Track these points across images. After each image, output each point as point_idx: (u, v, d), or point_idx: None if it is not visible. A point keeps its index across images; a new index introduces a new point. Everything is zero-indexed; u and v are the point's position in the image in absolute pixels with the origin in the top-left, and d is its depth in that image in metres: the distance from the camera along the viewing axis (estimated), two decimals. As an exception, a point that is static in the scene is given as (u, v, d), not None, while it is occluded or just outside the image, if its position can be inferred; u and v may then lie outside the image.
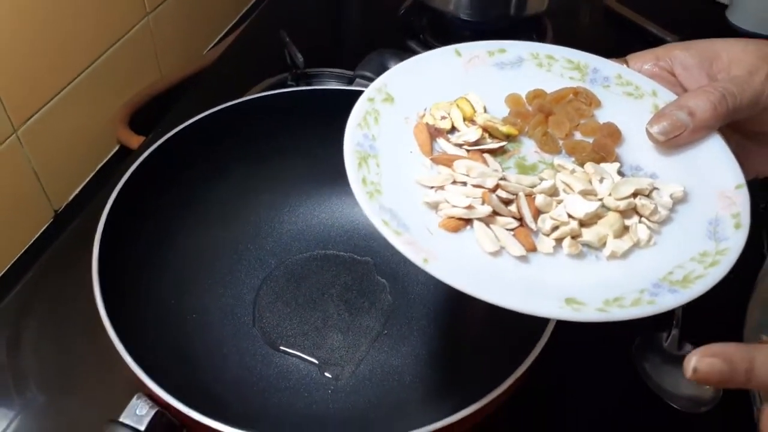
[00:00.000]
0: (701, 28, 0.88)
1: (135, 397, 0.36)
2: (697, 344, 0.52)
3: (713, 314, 0.57)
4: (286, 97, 0.55)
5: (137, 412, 0.35)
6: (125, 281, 0.44)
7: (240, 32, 0.85)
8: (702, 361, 0.30)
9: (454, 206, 0.33)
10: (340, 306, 0.53)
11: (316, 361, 0.49)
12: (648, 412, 0.51)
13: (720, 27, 0.91)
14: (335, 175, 0.57)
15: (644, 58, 0.41)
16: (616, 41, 0.88)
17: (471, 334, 0.51)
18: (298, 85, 0.70)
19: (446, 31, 0.82)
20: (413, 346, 0.50)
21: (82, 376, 0.51)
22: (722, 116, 0.36)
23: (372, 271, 0.55)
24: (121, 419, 0.35)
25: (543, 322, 0.41)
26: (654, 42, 0.86)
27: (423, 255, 0.31)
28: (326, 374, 0.49)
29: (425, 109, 0.39)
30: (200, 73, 0.80)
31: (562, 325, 0.40)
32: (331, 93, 0.55)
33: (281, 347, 0.50)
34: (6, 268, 0.64)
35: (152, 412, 0.35)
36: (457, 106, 0.39)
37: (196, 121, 0.52)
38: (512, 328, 0.46)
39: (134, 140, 0.73)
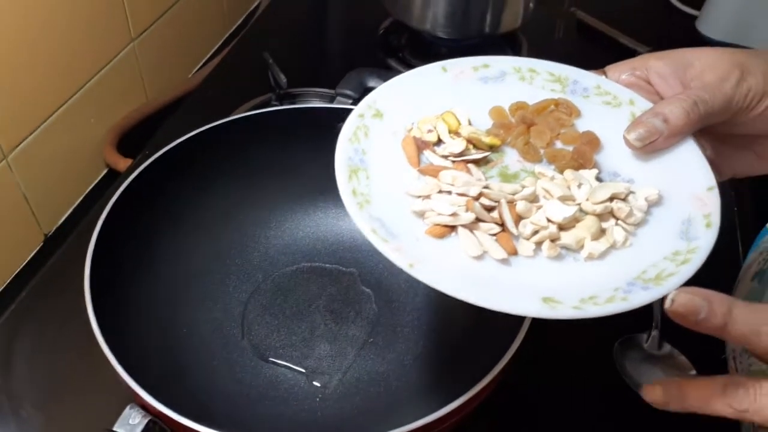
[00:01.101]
0: (672, 38, 0.91)
1: (128, 407, 0.37)
2: (676, 345, 0.55)
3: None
4: (270, 116, 0.57)
5: (130, 421, 0.36)
6: (116, 298, 0.45)
7: (224, 55, 0.87)
8: (681, 294, 0.31)
9: (439, 214, 0.35)
10: (327, 316, 0.54)
11: (304, 371, 0.51)
12: (628, 410, 0.53)
13: (691, 37, 0.93)
14: (319, 190, 0.59)
15: (621, 69, 0.43)
16: (589, 54, 0.90)
17: (452, 339, 0.53)
18: (281, 105, 0.72)
19: (424, 49, 0.85)
20: (398, 353, 0.52)
21: (75, 392, 0.52)
22: (695, 122, 0.38)
23: (357, 282, 0.56)
24: (114, 428, 0.36)
25: (518, 324, 0.42)
26: (626, 53, 0.89)
27: (409, 260, 0.32)
28: (315, 383, 0.50)
29: (413, 124, 0.40)
30: (186, 95, 0.82)
31: (544, 326, 0.42)
32: (313, 111, 0.57)
33: (270, 358, 0.51)
34: (-2, 291, 0.65)
35: (144, 421, 0.37)
36: (443, 119, 0.40)
37: (181, 142, 0.53)
38: (491, 332, 0.47)
39: (122, 163, 0.74)
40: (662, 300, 0.55)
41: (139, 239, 0.51)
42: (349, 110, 0.40)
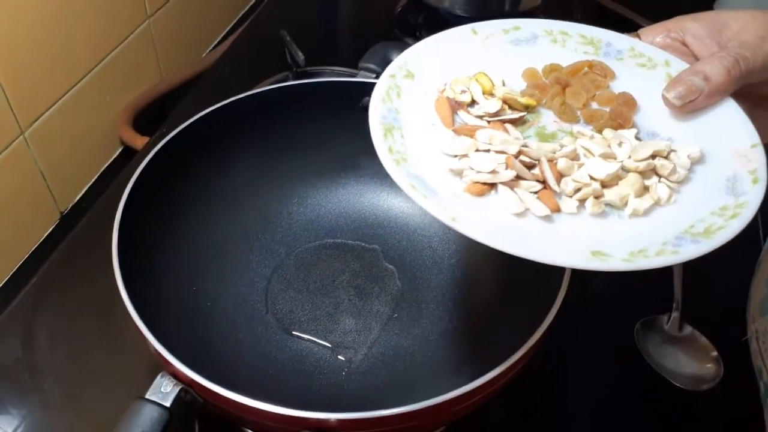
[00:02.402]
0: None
1: (159, 375, 0.37)
2: (697, 326, 0.55)
3: (711, 297, 0.58)
4: (290, 90, 0.56)
5: (162, 389, 0.36)
6: (140, 274, 0.45)
7: (240, 33, 0.86)
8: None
9: (478, 172, 0.35)
10: (351, 292, 0.54)
11: (329, 345, 0.50)
12: (652, 391, 0.53)
13: (709, 20, 0.92)
14: (341, 166, 0.59)
15: (656, 31, 0.42)
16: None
17: (479, 316, 0.52)
18: (299, 83, 0.71)
19: (442, 28, 0.83)
20: (423, 328, 0.52)
21: (97, 365, 0.52)
22: (736, 80, 0.37)
23: (380, 258, 0.56)
24: (147, 396, 0.36)
25: (547, 303, 0.41)
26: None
27: (451, 215, 0.32)
28: (340, 357, 0.50)
29: (445, 84, 0.40)
30: (201, 74, 0.81)
31: (567, 305, 0.42)
32: (336, 85, 0.56)
33: (294, 332, 0.51)
34: (15, 269, 0.65)
35: (177, 390, 0.36)
36: (476, 80, 0.40)
37: (202, 116, 0.53)
38: (518, 310, 0.47)
39: (138, 141, 0.74)
40: (683, 281, 0.56)
41: (162, 214, 0.51)
42: (374, 84, 0.39)
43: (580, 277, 0.41)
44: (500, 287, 0.52)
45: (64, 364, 0.52)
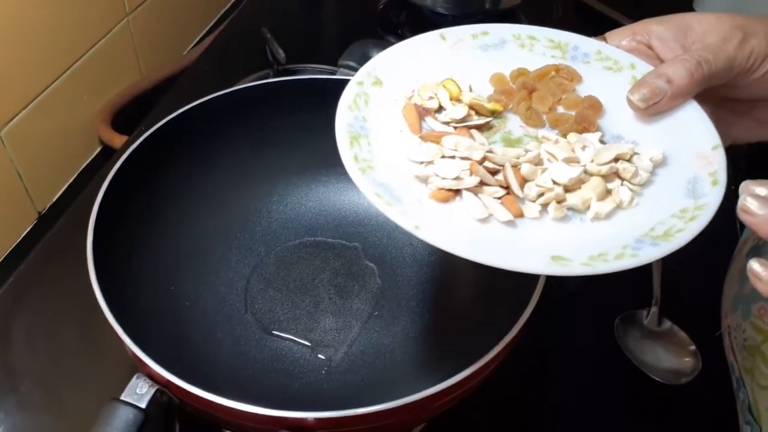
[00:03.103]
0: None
1: (135, 376, 0.37)
2: (675, 321, 0.55)
3: (690, 293, 0.59)
4: (270, 87, 0.56)
5: (137, 390, 0.36)
6: (117, 272, 0.44)
7: (220, 31, 0.85)
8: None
9: (443, 178, 0.35)
10: (331, 290, 0.54)
11: (308, 344, 0.50)
12: (632, 385, 0.53)
13: (688, 18, 0.93)
14: (322, 164, 0.59)
15: (622, 34, 0.43)
16: (588, 34, 0.90)
17: (458, 313, 0.52)
18: (280, 80, 0.71)
19: (424, 25, 0.83)
20: (403, 326, 0.52)
21: (75, 366, 0.52)
22: (698, 82, 0.38)
23: (361, 256, 0.56)
24: (122, 398, 0.36)
25: (525, 299, 0.42)
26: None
27: (414, 222, 0.32)
28: (320, 356, 0.50)
29: (413, 91, 0.40)
30: (182, 72, 0.81)
31: (546, 302, 0.42)
32: (314, 82, 0.56)
33: (274, 332, 0.51)
34: (-9, 270, 0.64)
35: (152, 391, 0.36)
36: (444, 86, 0.40)
37: (181, 113, 0.52)
38: (497, 306, 0.47)
39: (117, 139, 0.73)
40: (662, 277, 0.56)
41: (140, 212, 0.50)
42: (354, 82, 0.39)
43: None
44: (479, 285, 0.52)
45: (42, 365, 0.51)
